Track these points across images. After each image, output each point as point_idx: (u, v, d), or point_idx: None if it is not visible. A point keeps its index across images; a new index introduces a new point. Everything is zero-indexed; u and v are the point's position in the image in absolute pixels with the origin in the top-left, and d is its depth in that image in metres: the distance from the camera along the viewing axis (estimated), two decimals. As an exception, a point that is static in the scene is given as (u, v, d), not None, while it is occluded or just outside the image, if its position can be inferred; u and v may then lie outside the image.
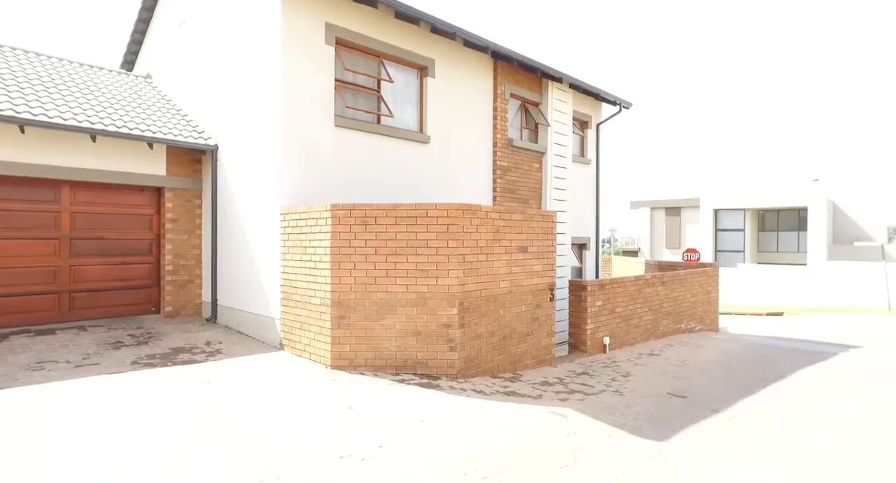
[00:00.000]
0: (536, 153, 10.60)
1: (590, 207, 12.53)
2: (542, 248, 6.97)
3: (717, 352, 8.67)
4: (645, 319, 9.33)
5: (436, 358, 5.83)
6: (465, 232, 5.89)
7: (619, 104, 12.23)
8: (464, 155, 9.17)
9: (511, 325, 6.51)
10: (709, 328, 11.57)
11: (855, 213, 31.81)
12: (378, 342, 5.81)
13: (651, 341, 9.40)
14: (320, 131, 7.12)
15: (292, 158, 6.83)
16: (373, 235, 5.82)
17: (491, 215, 6.21)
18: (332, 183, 7.26)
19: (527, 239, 6.74)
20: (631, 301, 8.93)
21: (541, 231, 6.96)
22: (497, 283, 6.29)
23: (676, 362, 7.65)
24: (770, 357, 8.41)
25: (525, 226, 6.70)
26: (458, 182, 9.00)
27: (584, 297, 7.96)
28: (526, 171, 10.38)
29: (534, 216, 6.84)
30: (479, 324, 6.06)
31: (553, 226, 7.21)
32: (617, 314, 8.59)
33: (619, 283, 8.65)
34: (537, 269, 6.90)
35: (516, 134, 10.44)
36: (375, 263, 5.82)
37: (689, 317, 10.80)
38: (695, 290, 10.98)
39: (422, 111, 8.60)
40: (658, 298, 9.70)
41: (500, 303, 6.33)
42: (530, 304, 6.80)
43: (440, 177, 8.71)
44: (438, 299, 5.80)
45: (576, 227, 11.93)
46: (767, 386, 6.38)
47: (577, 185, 11.94)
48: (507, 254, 6.44)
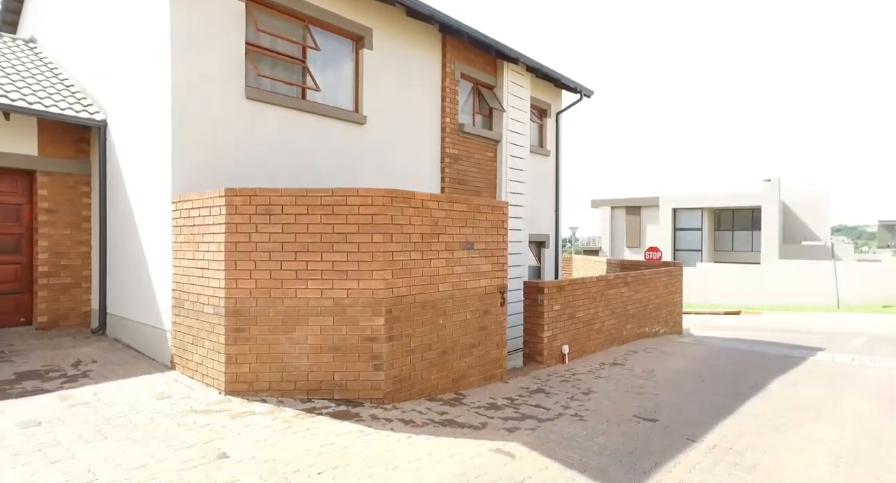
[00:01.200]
0: (490, 141, 9.63)
1: (549, 202, 11.68)
2: (491, 245, 5.97)
3: (685, 359, 7.91)
4: (608, 324, 8.49)
5: (357, 379, 4.73)
6: (394, 224, 4.82)
7: (580, 92, 11.43)
8: (407, 140, 8.09)
9: (453, 336, 5.48)
10: (673, 331, 10.90)
11: (802, 213, 32.54)
12: (285, 360, 4.67)
13: (614, 348, 8.58)
14: (227, 104, 5.90)
15: (188, 136, 5.58)
16: (278, 228, 4.67)
17: (427, 204, 5.16)
18: (245, 168, 6.04)
19: (473, 234, 5.72)
20: (592, 304, 8.07)
21: (490, 225, 5.96)
22: (435, 286, 5.24)
23: (643, 373, 6.80)
24: (740, 363, 7.71)
25: (470, 218, 5.68)
26: (401, 170, 7.91)
27: (540, 300, 7.02)
28: (479, 161, 9.39)
29: (481, 207, 5.83)
30: (412, 336, 5.00)
31: (504, 219, 6.22)
32: (577, 319, 7.70)
33: (580, 285, 7.77)
34: (485, 269, 5.90)
35: (468, 119, 9.44)
36: (282, 263, 4.67)
37: (654, 320, 10.07)
38: (659, 290, 10.27)
39: (357, 88, 7.47)
40: (621, 300, 8.89)
41: (439, 309, 5.29)
42: (477, 310, 5.78)
43: (379, 164, 7.60)
44: (361, 306, 4.71)
45: (534, 223, 11.04)
46: (745, 402, 5.58)
47: (535, 177, 11.05)
48: (449, 251, 5.40)
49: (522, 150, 10.25)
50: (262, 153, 6.22)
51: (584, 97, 11.66)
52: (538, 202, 11.24)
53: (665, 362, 7.58)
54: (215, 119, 5.78)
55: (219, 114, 5.81)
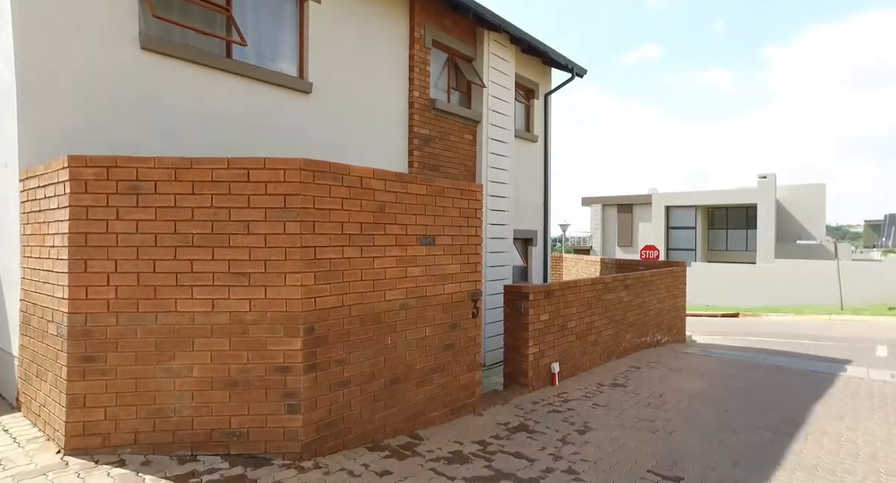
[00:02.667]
0: (469, 121, 8.29)
1: (537, 194, 10.37)
2: (459, 240, 4.64)
3: (696, 376, 6.64)
4: (605, 335, 7.20)
5: (264, 426, 3.37)
6: (318, 209, 3.46)
7: (571, 70, 10.13)
8: (366, 116, 6.73)
9: (407, 360, 4.14)
10: (676, 339, 9.66)
11: (795, 211, 31.67)
12: (159, 401, 3.29)
13: (612, 362, 7.29)
14: (111, 54, 4.49)
15: (47, 94, 4.17)
16: (150, 214, 3.30)
17: (369, 184, 3.81)
18: (142, 143, 4.64)
19: (435, 225, 4.38)
20: (588, 311, 6.77)
21: (458, 213, 4.63)
22: (381, 293, 3.90)
23: (650, 399, 5.51)
24: (762, 383, 6.46)
25: (431, 204, 4.34)
26: (357, 152, 6.54)
27: (524, 309, 5.70)
28: (454, 144, 8.05)
29: (446, 190, 4.50)
30: (345, 362, 3.65)
31: (479, 207, 4.90)
32: (569, 330, 6.40)
33: (573, 289, 6.47)
34: (452, 270, 4.57)
35: (442, 95, 8.10)
36: (155, 262, 3.29)
37: (655, 327, 8.81)
38: (661, 294, 9.02)
39: (302, 49, 6.09)
40: (620, 306, 7.61)
41: (386, 325, 3.94)
42: (440, 323, 4.45)
43: (329, 143, 6.22)
44: (269, 324, 3.35)
45: (520, 217, 9.73)
46: (789, 445, 4.31)
47: (521, 165, 9.74)
48: (400, 247, 4.06)
49: (506, 133, 8.93)
50: (167, 124, 4.82)
51: (577, 76, 10.37)
52: (525, 194, 9.93)
53: (674, 382, 6.30)
54: (93, 74, 4.37)
55: (98, 67, 4.40)
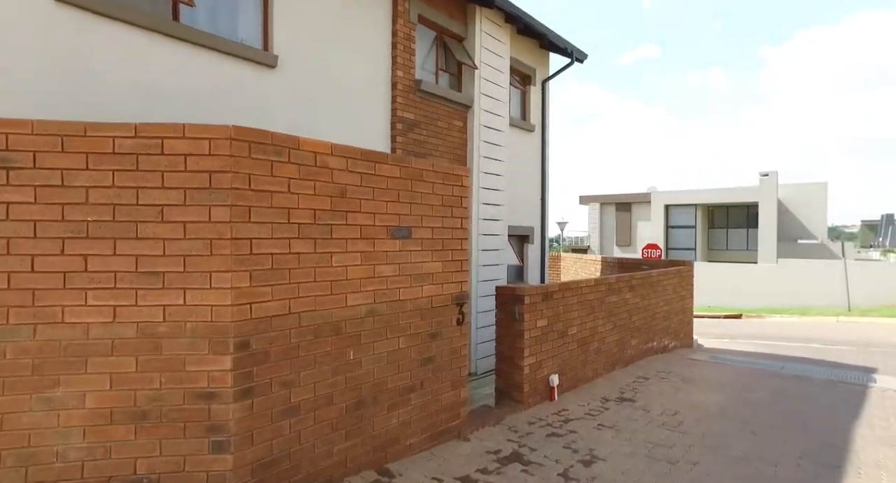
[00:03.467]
0: (459, 107, 7.56)
1: (534, 188, 9.64)
2: (442, 233, 3.90)
3: (712, 389, 5.92)
4: (609, 341, 6.47)
5: (182, 470, 2.62)
6: (255, 190, 2.72)
7: (570, 54, 9.40)
8: (342, 96, 5.98)
9: (376, 377, 3.39)
10: (683, 344, 8.94)
11: (796, 210, 31.07)
12: (35, 442, 2.54)
13: (617, 371, 6.57)
14: (23, 7, 3.73)
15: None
16: (26, 194, 2.54)
17: (326, 161, 3.06)
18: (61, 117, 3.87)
19: (411, 215, 3.64)
20: (590, 315, 6.04)
21: (440, 202, 3.89)
22: (341, 297, 3.15)
23: (664, 417, 4.79)
24: (787, 396, 5.74)
25: (406, 189, 3.60)
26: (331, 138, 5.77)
27: (518, 314, 4.96)
28: (442, 130, 7.32)
29: (424, 172, 3.76)
30: (293, 384, 2.90)
31: (465, 194, 4.16)
32: (570, 337, 5.66)
33: (574, 290, 5.73)
34: (432, 269, 3.83)
35: (429, 77, 7.36)
36: (34, 258, 2.54)
37: (662, 331, 8.09)
38: (668, 295, 8.30)
39: (266, 16, 5.33)
40: (626, 309, 6.88)
41: (348, 336, 3.20)
42: (418, 333, 3.71)
43: (298, 126, 5.43)
44: (190, 337, 2.60)
45: (515, 213, 8.99)
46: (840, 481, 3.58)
47: (516, 156, 9.01)
48: (367, 240, 3.32)
49: (500, 120, 8.19)
50: (96, 98, 4.06)
51: (576, 61, 9.64)
52: (520, 187, 9.20)
53: (688, 395, 5.57)
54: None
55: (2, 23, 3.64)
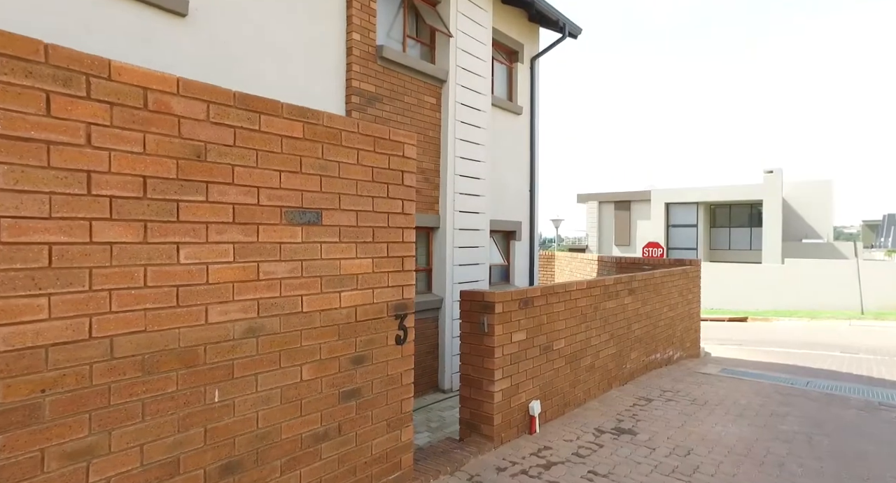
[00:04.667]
0: (431, 80, 6.51)
1: (521, 177, 8.59)
2: (372, 220, 2.85)
3: (731, 415, 4.86)
4: (604, 356, 5.42)
5: None
6: (14, 139, 1.66)
7: (563, 28, 8.36)
8: (278, 58, 4.93)
9: (260, 426, 2.33)
10: (690, 354, 7.89)
11: (801, 208, 30.08)
12: None
13: (614, 391, 5.52)
14: None
15: None
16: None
17: (167, 104, 1.99)
18: None
19: (322, 191, 2.59)
20: (582, 325, 4.98)
21: (368, 176, 2.84)
22: (196, 311, 2.09)
23: (673, 458, 3.74)
24: (825, 426, 4.69)
25: (314, 156, 2.55)
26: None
27: (487, 325, 3.90)
28: (410, 107, 6.27)
29: (344, 134, 2.70)
30: (95, 451, 1.84)
31: (408, 168, 3.10)
32: (556, 353, 4.61)
33: (562, 295, 4.67)
34: (356, 268, 2.78)
35: (396, 45, 6.31)
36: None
37: (667, 341, 7.04)
38: (673, 299, 7.25)
39: (177, -45, 4.28)
40: (624, 316, 5.83)
41: (208, 369, 2.14)
42: (333, 358, 2.65)
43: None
44: None
45: (499, 205, 7.95)
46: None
47: (501, 141, 7.97)
48: (245, 226, 2.26)
49: (480, 98, 7.15)
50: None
51: (570, 36, 8.60)
52: (506, 176, 8.16)
53: (702, 425, 4.52)
54: None
55: None
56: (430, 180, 6.56)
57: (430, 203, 6.59)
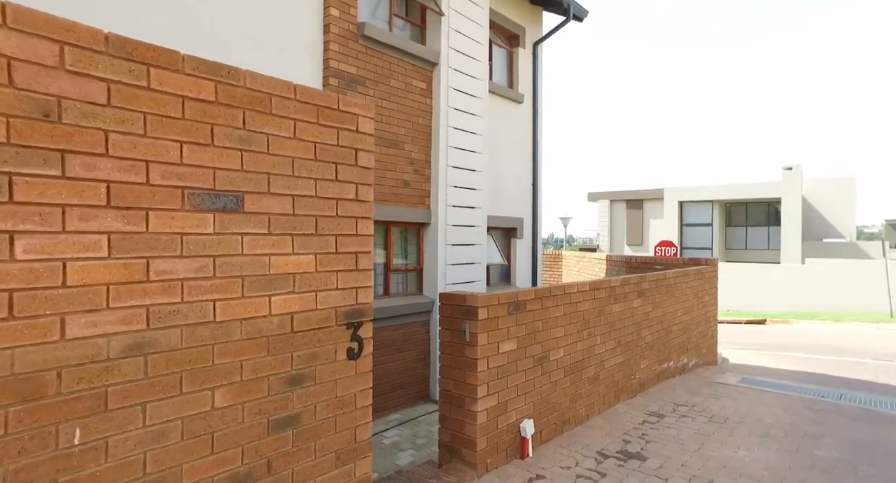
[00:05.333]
0: (420, 63, 5.98)
1: (523, 170, 8.02)
2: (314, 207, 2.32)
3: (756, 436, 4.25)
4: (610, 366, 4.83)
5: None
6: None
7: (567, 9, 7.78)
8: (244, 32, 4.43)
9: (149, 471, 1.80)
10: (706, 361, 7.26)
11: (822, 207, 29.02)
12: None
13: (621, 405, 4.93)
14: None
15: None
16: None
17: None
18: None
19: (244, 171, 2.06)
20: (584, 331, 4.41)
21: (308, 153, 2.30)
22: (44, 324, 1.55)
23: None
24: (866, 448, 4.06)
25: (232, 124, 2.01)
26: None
27: (469, 333, 3.35)
28: (397, 91, 5.73)
29: (274, 100, 2.16)
30: None
31: (365, 145, 2.56)
32: (553, 364, 4.04)
33: (559, 298, 4.10)
34: (293, 267, 2.24)
35: (380, 23, 5.78)
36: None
37: (681, 347, 6.42)
38: (688, 301, 6.62)
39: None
40: (633, 321, 5.24)
41: (64, 402, 1.60)
42: (261, 378, 2.12)
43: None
44: None
45: (498, 200, 7.40)
46: None
47: (500, 131, 7.41)
48: (127, 211, 1.73)
49: (476, 84, 6.59)
50: None
51: (574, 19, 8.02)
52: (505, 168, 7.60)
53: (723, 448, 3.92)
54: None
55: None
56: (420, 172, 6.02)
57: (421, 197, 6.05)
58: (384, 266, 5.86)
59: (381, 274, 5.83)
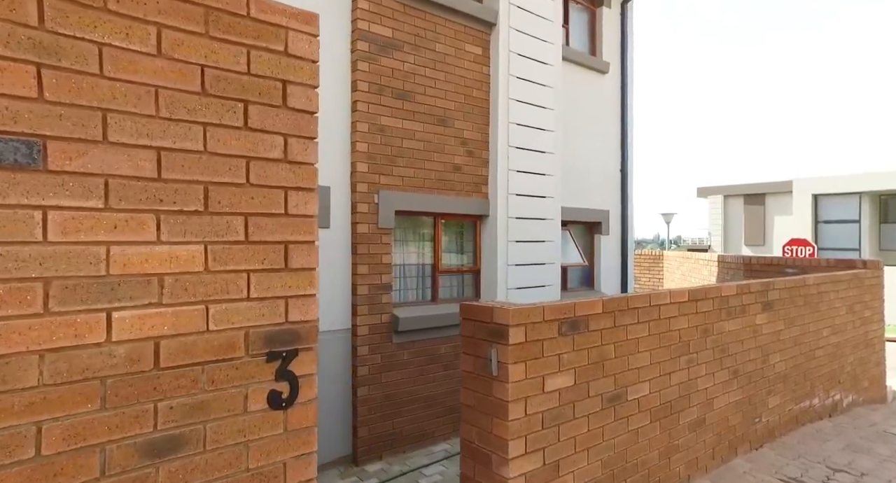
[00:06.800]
0: (473, 24, 5.00)
1: (608, 154, 6.71)
2: (207, 168, 1.45)
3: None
4: (721, 405, 3.49)
5: None
6: None
7: (663, -47, 6.34)
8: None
9: None
10: (868, 398, 5.43)
11: None
12: None
13: (739, 460, 3.55)
14: None
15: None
16: None
17: None
18: None
19: (47, 103, 1.24)
20: (681, 358, 3.15)
21: (174, 75, 1.43)
22: None
23: None
24: None
25: (17, 17, 1.20)
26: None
27: (496, 364, 2.31)
28: (444, 58, 4.81)
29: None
30: None
31: (298, 76, 1.66)
32: (634, 405, 2.86)
33: (642, 311, 2.91)
34: (168, 266, 1.38)
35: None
36: None
37: (829, 378, 4.77)
38: (839, 316, 4.93)
39: None
40: (756, 343, 3.82)
41: None
42: (92, 445, 1.28)
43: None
44: None
45: (576, 189, 6.19)
46: None
47: (578, 106, 6.21)
48: None
49: (546, 48, 5.47)
50: None
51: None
52: (585, 151, 6.36)
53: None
54: None
55: None
56: (474, 154, 5.05)
57: (476, 184, 5.07)
58: (431, 267, 4.96)
59: (426, 275, 4.94)
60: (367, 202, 4.34)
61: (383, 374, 4.42)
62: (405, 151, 4.54)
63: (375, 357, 4.38)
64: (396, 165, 4.50)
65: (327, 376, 4.21)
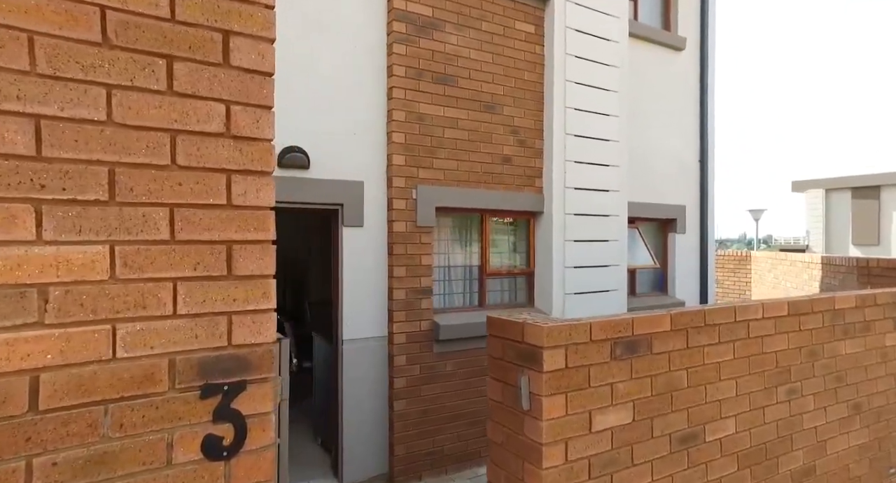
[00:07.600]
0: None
1: (684, 143, 5.91)
2: (111, 144, 1.09)
3: None
4: (837, 450, 2.75)
5: None
6: None
7: None
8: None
9: None
10: None
11: None
12: None
13: (859, 519, 2.78)
14: None
15: None
16: None
17: None
18: None
19: None
20: (777, 387, 2.48)
21: (49, 18, 1.09)
22: None
23: None
24: None
25: None
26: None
27: (525, 395, 1.82)
28: (492, 39, 4.33)
29: None
30: None
31: (249, 26, 1.27)
32: (712, 448, 2.24)
33: (723, 327, 2.29)
34: (52, 270, 1.03)
35: (468, -49, 4.44)
36: None
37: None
38: None
39: None
40: (885, 370, 3.01)
41: None
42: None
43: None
44: None
45: (645, 182, 5.48)
46: None
47: (647, 88, 5.50)
48: None
49: (609, 23, 4.84)
50: None
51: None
52: (656, 140, 5.63)
53: None
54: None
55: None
56: (526, 144, 4.53)
57: (529, 177, 4.55)
58: (479, 269, 4.50)
59: (472, 278, 4.49)
60: (405, 198, 3.96)
61: (423, 387, 4.02)
62: (447, 142, 4.12)
63: (414, 368, 3.99)
64: (437, 157, 4.08)
65: (361, 389, 3.88)
